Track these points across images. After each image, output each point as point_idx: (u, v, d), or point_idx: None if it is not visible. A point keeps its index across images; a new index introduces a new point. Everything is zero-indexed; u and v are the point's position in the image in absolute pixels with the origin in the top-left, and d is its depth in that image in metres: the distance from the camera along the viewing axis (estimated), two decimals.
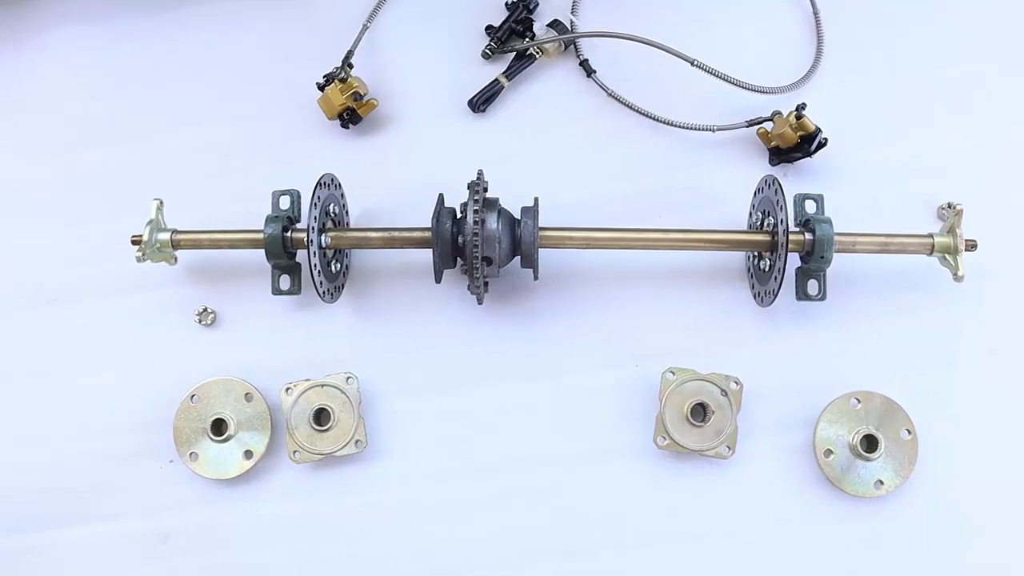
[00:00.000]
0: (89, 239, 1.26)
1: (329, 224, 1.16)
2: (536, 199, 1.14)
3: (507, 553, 1.16)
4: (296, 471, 1.18)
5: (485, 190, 1.13)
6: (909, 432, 1.16)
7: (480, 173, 1.12)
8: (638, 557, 1.15)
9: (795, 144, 1.20)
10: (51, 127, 1.31)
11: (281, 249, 1.14)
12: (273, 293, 1.20)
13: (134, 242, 1.16)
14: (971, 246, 1.14)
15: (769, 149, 1.23)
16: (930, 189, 1.23)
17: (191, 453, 1.18)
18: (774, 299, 1.12)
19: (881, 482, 1.15)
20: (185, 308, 1.22)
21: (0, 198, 1.29)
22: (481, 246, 1.08)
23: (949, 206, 1.20)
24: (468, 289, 1.13)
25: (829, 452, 1.15)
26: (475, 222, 1.08)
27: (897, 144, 1.25)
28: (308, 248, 1.10)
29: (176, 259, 1.20)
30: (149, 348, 1.23)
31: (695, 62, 1.20)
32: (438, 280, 1.14)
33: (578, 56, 1.28)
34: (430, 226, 1.11)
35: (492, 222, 1.10)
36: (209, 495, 1.18)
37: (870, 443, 1.15)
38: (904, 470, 1.15)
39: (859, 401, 1.17)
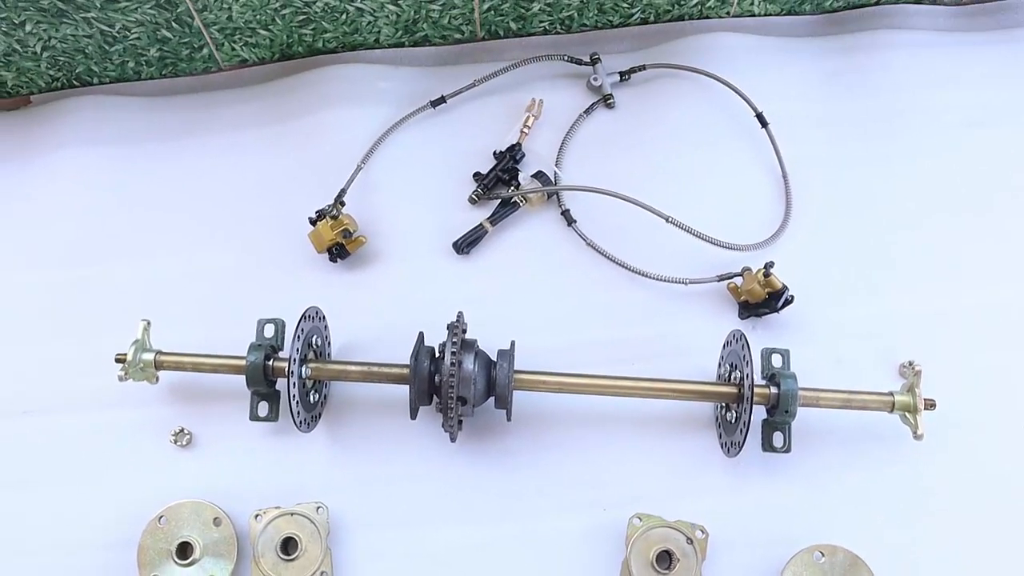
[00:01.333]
0: (73, 353, 1.28)
1: (311, 355, 1.20)
2: (512, 342, 1.18)
3: None
4: None
5: (464, 331, 1.17)
6: None
7: (460, 315, 1.16)
8: None
9: (763, 300, 1.26)
10: (50, 242, 1.37)
11: (262, 377, 1.17)
12: (251, 419, 1.22)
13: (118, 360, 1.19)
14: (930, 405, 1.18)
15: (739, 303, 1.29)
16: (892, 346, 1.27)
17: None
18: (739, 451, 1.15)
19: None
20: (162, 428, 1.24)
21: None
22: (457, 386, 1.12)
23: (909, 364, 1.25)
24: (442, 427, 1.16)
25: None
26: (452, 363, 1.11)
27: (861, 302, 1.30)
28: (288, 379, 1.12)
29: (158, 379, 1.23)
30: (122, 466, 1.23)
31: (669, 219, 1.27)
32: (413, 416, 1.17)
33: (560, 206, 1.35)
34: (409, 363, 1.15)
35: (469, 363, 1.14)
36: None
37: None
38: None
39: (823, 555, 1.18)
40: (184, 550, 1.17)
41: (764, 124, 1.37)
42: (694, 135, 1.40)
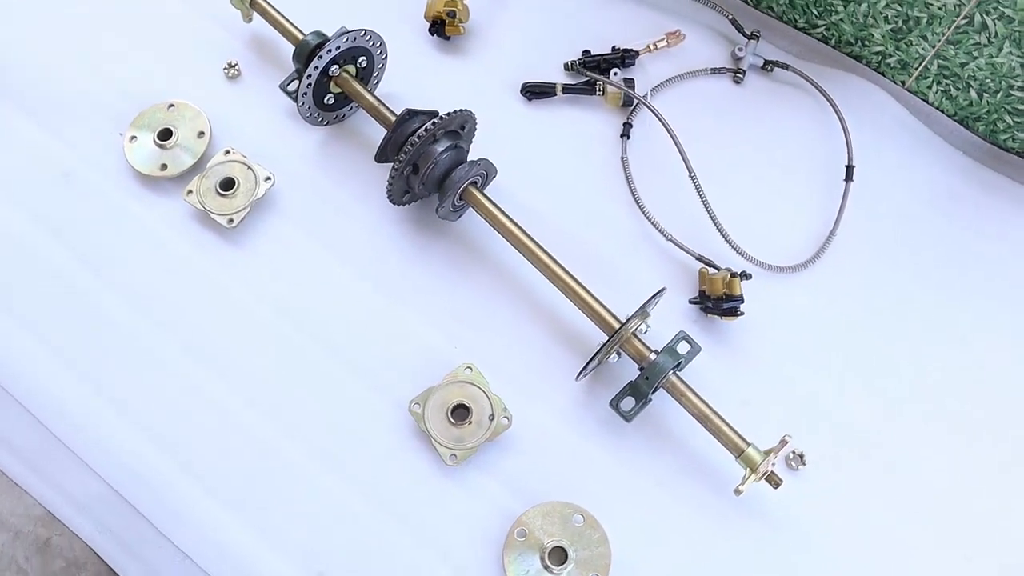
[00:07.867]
0: None
1: (352, 68, 1.32)
2: (488, 160, 1.24)
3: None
4: (179, 209, 1.32)
5: (462, 127, 1.25)
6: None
7: (465, 110, 1.23)
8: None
9: (717, 297, 1.22)
10: None
11: (305, 56, 1.31)
12: (279, 86, 1.37)
13: None
14: (775, 482, 1.11)
15: (700, 289, 1.25)
16: (807, 430, 1.20)
17: (132, 136, 1.36)
18: (581, 373, 1.15)
19: None
20: (225, 57, 1.42)
21: None
22: (416, 148, 1.20)
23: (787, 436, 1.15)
24: (387, 183, 1.24)
25: (524, 533, 1.14)
26: (427, 129, 1.19)
27: (812, 379, 1.24)
28: (311, 61, 1.26)
29: (251, 18, 1.40)
30: (175, 59, 1.43)
31: (692, 174, 1.27)
32: (378, 159, 1.26)
33: (627, 118, 1.38)
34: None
35: (442, 146, 1.21)
36: (120, 175, 1.34)
37: (559, 555, 1.13)
38: None
39: (583, 519, 1.14)
40: (165, 135, 1.35)
41: (849, 178, 1.31)
42: (786, 149, 1.37)
